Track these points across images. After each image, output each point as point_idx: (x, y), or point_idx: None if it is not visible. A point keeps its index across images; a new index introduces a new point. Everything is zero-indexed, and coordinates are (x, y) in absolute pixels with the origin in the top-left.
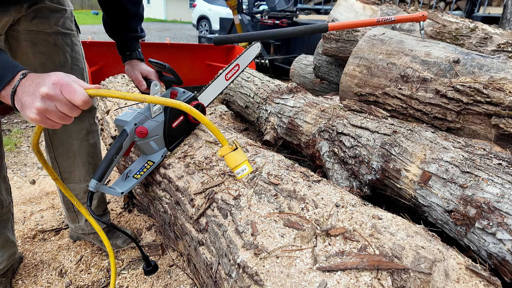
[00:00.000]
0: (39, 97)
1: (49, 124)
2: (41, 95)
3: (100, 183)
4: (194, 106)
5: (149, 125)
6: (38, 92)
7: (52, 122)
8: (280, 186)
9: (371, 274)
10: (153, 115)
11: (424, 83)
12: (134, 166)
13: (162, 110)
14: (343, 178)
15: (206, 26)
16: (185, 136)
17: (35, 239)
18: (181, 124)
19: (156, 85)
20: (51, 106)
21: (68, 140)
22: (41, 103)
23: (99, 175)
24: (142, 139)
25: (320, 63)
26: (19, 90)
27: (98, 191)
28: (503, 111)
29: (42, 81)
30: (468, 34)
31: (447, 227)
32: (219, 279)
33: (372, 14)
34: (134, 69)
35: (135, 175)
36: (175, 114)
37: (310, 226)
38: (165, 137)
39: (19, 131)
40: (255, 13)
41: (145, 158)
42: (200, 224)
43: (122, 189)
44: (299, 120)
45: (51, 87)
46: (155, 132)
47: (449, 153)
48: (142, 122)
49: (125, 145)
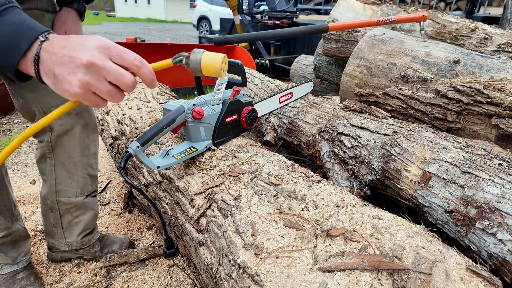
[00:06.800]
0: (81, 66)
1: (93, 101)
2: (83, 64)
3: (141, 148)
4: (249, 111)
5: (206, 110)
6: (78, 59)
7: (97, 99)
8: (280, 186)
9: (371, 274)
10: (212, 103)
11: (425, 83)
12: (177, 147)
13: (222, 101)
14: (343, 178)
15: (207, 26)
16: (232, 137)
17: (35, 239)
18: (233, 122)
19: (225, 76)
20: (98, 77)
21: (72, 148)
22: (84, 73)
23: (143, 140)
24: (195, 121)
25: (320, 63)
26: (45, 57)
27: (136, 156)
28: (504, 111)
29: (79, 44)
30: (469, 35)
31: (448, 227)
32: (219, 279)
33: (373, 14)
34: (63, 25)
35: (175, 155)
36: (232, 110)
37: (311, 226)
38: (215, 128)
39: (19, 131)
40: (255, 14)
41: (189, 144)
42: (200, 225)
43: (159, 164)
44: (299, 120)
45: (96, 52)
46: (208, 120)
47: (449, 154)
48: (201, 105)
49: (179, 120)
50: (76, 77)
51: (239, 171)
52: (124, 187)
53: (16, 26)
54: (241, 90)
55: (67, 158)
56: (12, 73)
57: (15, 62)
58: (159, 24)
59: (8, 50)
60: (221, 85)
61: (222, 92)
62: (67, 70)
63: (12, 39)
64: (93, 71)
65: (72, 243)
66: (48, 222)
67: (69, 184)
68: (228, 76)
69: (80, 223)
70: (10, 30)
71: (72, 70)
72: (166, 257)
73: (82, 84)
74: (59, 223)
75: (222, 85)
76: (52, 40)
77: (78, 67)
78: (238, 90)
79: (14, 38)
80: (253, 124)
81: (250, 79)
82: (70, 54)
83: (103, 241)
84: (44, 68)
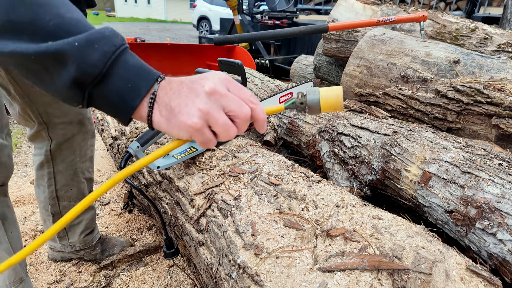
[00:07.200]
0: (202, 94)
1: (207, 137)
2: (206, 91)
3: (141, 148)
4: None
5: None
6: (200, 87)
7: (211, 135)
8: (280, 186)
9: (371, 274)
10: None
11: (425, 83)
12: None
13: None
14: (343, 178)
15: (206, 26)
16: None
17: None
18: None
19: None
20: (218, 107)
21: (71, 157)
22: (205, 102)
23: (143, 140)
24: None
25: (320, 63)
26: (161, 94)
27: (136, 156)
28: (504, 111)
29: (199, 77)
30: (469, 35)
31: (448, 227)
32: (219, 279)
33: (372, 14)
34: None
35: (176, 155)
36: None
37: (311, 226)
38: None
39: (19, 131)
40: (255, 14)
41: (189, 144)
42: (200, 225)
43: (159, 164)
44: (299, 120)
45: (218, 81)
46: None
47: (449, 154)
48: None
49: None
50: (195, 107)
51: (239, 171)
52: (124, 187)
53: (136, 69)
54: None
55: (67, 167)
56: (126, 118)
57: (134, 106)
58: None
59: (128, 93)
60: None
61: None
62: (185, 101)
63: (133, 83)
64: (213, 99)
65: (75, 244)
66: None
67: (69, 190)
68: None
69: (82, 222)
70: (131, 73)
71: (192, 100)
72: (166, 257)
73: (202, 113)
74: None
75: None
76: (168, 78)
77: (198, 95)
78: None
79: (135, 82)
80: (253, 124)
81: (250, 79)
82: (189, 86)
83: (104, 243)
84: (159, 105)
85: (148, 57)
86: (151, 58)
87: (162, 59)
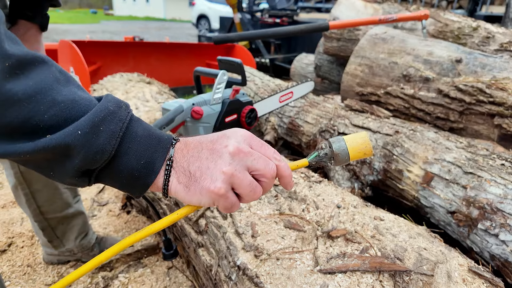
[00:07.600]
0: (225, 155)
1: (230, 202)
2: (230, 151)
3: None
4: (249, 111)
5: (205, 110)
6: (223, 147)
7: (234, 198)
8: (280, 186)
9: (372, 276)
10: (211, 102)
11: (427, 83)
12: None
13: (221, 101)
14: (344, 178)
15: (206, 25)
16: None
17: (32, 240)
18: (233, 122)
19: (225, 75)
20: (242, 167)
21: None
22: (229, 163)
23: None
24: (194, 121)
25: (321, 62)
26: (178, 158)
27: None
28: (506, 111)
29: (218, 136)
30: (471, 33)
31: (450, 228)
32: (218, 281)
33: (374, 12)
34: (32, 43)
35: None
36: (231, 110)
37: (311, 227)
38: (215, 128)
39: None
40: (255, 12)
41: None
42: (199, 226)
43: None
44: (300, 120)
45: (241, 139)
46: (208, 119)
47: (451, 154)
48: (200, 105)
49: (178, 119)
50: (218, 169)
51: None
52: None
53: (146, 139)
54: (240, 89)
55: (45, 183)
56: (140, 194)
57: (149, 183)
58: (157, 23)
59: (142, 170)
60: (221, 84)
61: (221, 91)
62: (207, 164)
63: (146, 158)
64: (237, 160)
65: (73, 249)
66: (43, 239)
67: (53, 203)
68: (228, 76)
69: (74, 228)
70: (142, 146)
71: (214, 162)
72: (165, 258)
73: (226, 176)
74: (54, 235)
75: (221, 85)
76: (183, 139)
77: (221, 157)
78: (237, 89)
79: (147, 156)
80: (253, 124)
81: (250, 78)
82: (210, 147)
83: (101, 243)
84: (176, 171)
85: (147, 56)
86: (150, 58)
87: (161, 59)
